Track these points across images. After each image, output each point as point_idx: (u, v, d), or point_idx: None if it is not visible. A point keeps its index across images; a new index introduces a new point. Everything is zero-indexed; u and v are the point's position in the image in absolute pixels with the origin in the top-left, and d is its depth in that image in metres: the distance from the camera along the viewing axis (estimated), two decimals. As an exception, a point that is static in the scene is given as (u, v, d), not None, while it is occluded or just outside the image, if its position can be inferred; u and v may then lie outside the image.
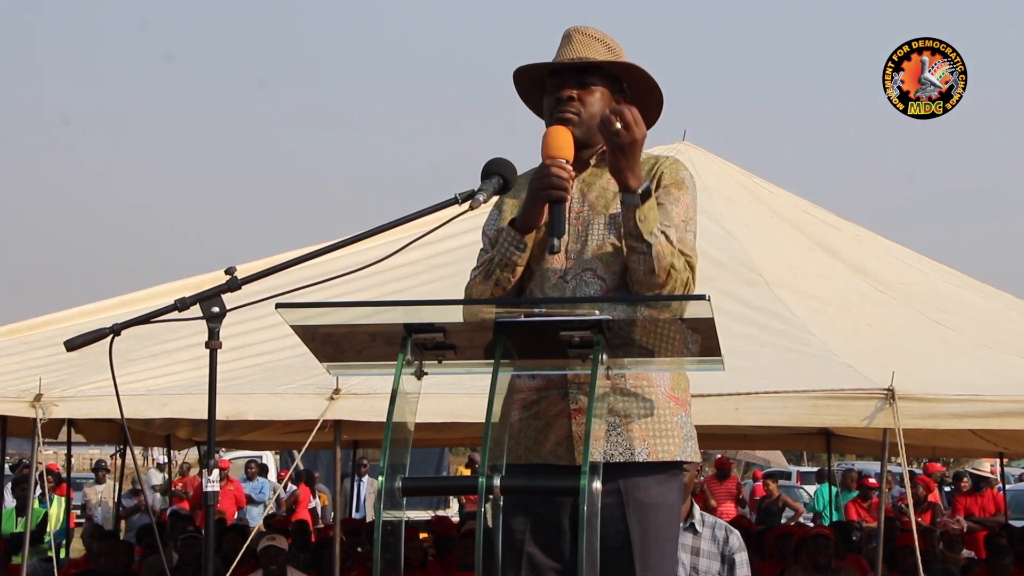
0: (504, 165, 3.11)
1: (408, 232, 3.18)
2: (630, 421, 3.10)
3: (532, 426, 3.12)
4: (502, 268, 3.16)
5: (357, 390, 6.61)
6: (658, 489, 3.12)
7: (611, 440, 3.09)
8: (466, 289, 3.25)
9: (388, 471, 2.69)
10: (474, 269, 3.24)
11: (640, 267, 3.06)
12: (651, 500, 3.10)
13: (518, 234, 3.15)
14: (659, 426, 3.12)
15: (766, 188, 10.27)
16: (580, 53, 3.25)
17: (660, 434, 3.12)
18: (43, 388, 6.92)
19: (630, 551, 3.07)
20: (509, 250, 3.16)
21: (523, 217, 3.16)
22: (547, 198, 3.08)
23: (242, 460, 18.20)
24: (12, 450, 16.10)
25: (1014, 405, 6.58)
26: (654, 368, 3.07)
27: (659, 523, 3.12)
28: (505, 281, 3.16)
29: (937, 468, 18.70)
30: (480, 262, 3.24)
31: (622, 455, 3.08)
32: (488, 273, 3.18)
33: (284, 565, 7.97)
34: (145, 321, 2.92)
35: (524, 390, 3.15)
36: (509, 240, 3.16)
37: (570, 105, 3.22)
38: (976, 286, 10.37)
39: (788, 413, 6.49)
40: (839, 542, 8.54)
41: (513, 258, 3.16)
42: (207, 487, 2.80)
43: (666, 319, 2.76)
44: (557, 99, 3.23)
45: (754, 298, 7.80)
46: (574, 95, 3.23)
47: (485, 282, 3.17)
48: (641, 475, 3.10)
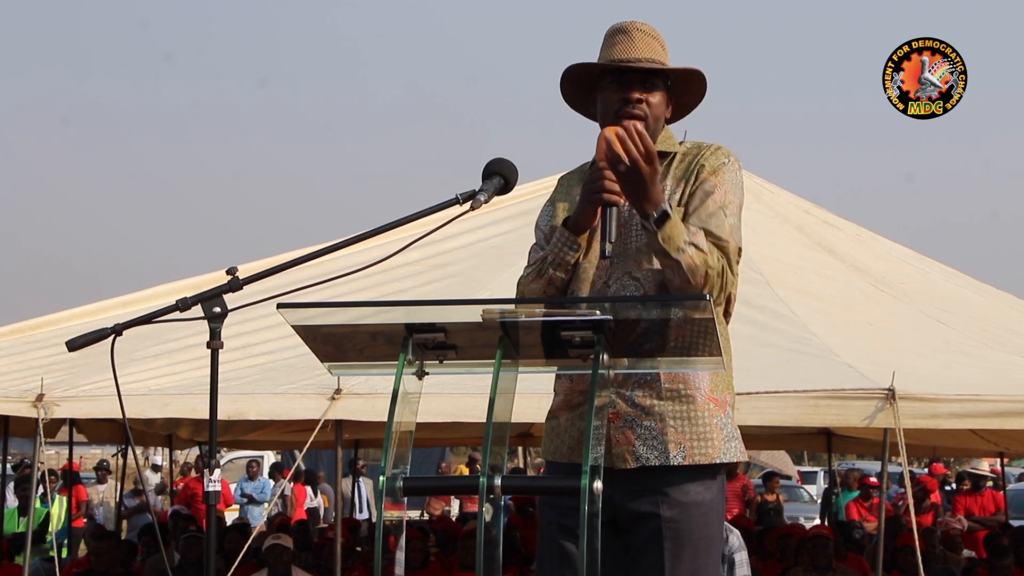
0: (505, 165, 3.11)
1: (409, 232, 3.18)
2: (665, 425, 3.09)
3: (576, 427, 3.14)
4: (555, 267, 3.16)
5: (358, 390, 6.61)
6: (695, 487, 3.11)
7: (647, 444, 3.08)
8: (518, 285, 3.26)
9: (389, 471, 2.69)
10: (528, 265, 3.24)
11: (675, 279, 3.07)
12: (689, 498, 3.09)
13: (571, 234, 3.15)
14: (697, 429, 3.10)
15: (767, 188, 10.27)
16: (645, 53, 3.21)
17: (698, 437, 3.10)
18: (45, 388, 6.93)
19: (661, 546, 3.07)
20: (562, 250, 3.16)
21: (576, 218, 3.16)
22: (598, 202, 3.08)
23: (243, 460, 18.22)
24: (14, 450, 16.11)
25: (1015, 405, 6.59)
26: (656, 368, 3.08)
27: (697, 522, 3.10)
28: (558, 280, 3.17)
29: (941, 470, 18.71)
30: (532, 260, 3.24)
31: (657, 459, 3.07)
32: (541, 271, 3.18)
33: (289, 564, 7.98)
34: (147, 321, 2.93)
35: (565, 391, 3.20)
36: (562, 240, 3.16)
37: (639, 107, 3.20)
38: (977, 285, 10.37)
39: (789, 413, 6.50)
40: (840, 542, 8.54)
41: (566, 258, 3.16)
42: (208, 487, 2.81)
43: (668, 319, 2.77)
44: (624, 99, 3.20)
45: (755, 298, 7.80)
46: (642, 97, 3.21)
47: (538, 280, 3.18)
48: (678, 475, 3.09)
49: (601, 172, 3.06)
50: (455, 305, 2.98)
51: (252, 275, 2.92)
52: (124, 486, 13.50)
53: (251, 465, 16.78)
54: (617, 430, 3.08)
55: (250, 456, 17.86)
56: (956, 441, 11.55)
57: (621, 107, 3.19)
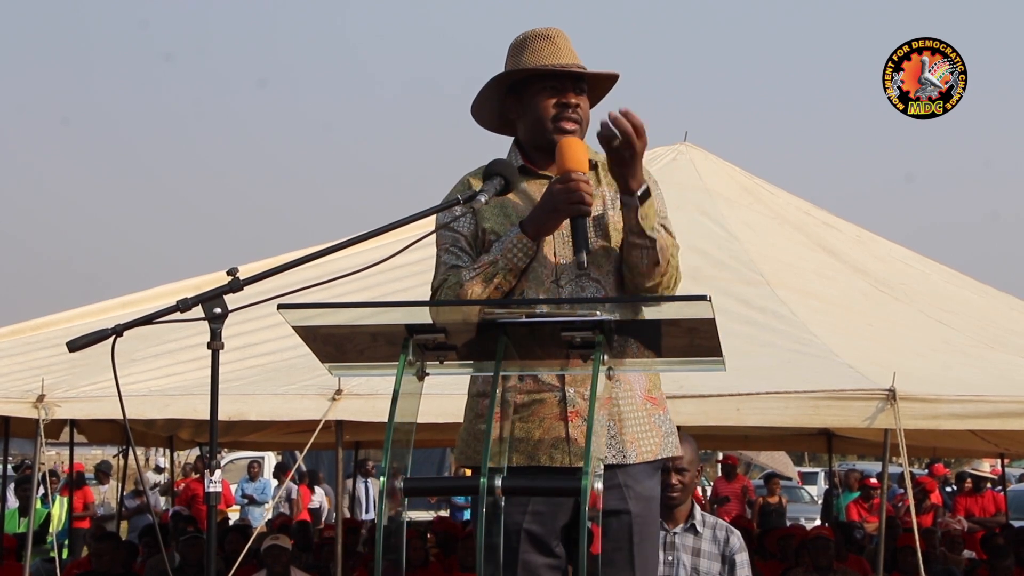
0: (506, 166, 3.12)
1: (410, 233, 3.19)
2: (623, 425, 3.15)
3: (522, 428, 3.12)
4: (506, 273, 3.13)
5: (359, 391, 6.61)
6: (651, 482, 3.22)
7: (607, 443, 3.13)
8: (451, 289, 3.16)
9: (389, 472, 2.70)
10: (466, 269, 3.16)
11: (643, 261, 3.12)
12: (647, 493, 3.19)
13: (531, 241, 3.13)
14: (642, 427, 3.19)
15: (767, 189, 10.28)
16: (573, 59, 3.26)
17: (643, 435, 3.19)
18: (46, 389, 6.93)
19: (631, 542, 3.12)
20: (517, 256, 3.13)
21: (540, 226, 3.13)
22: (576, 212, 3.09)
23: (244, 461, 18.23)
24: (15, 451, 16.10)
25: (1015, 406, 6.58)
26: (654, 368, 3.09)
27: (653, 516, 3.24)
28: (506, 284, 3.14)
29: (942, 471, 18.71)
30: (477, 264, 3.15)
31: (615, 457, 3.13)
32: (488, 276, 3.13)
33: (288, 565, 7.97)
34: (147, 322, 2.93)
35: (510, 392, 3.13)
36: (520, 247, 3.13)
37: (576, 112, 3.24)
38: (977, 286, 10.37)
39: (789, 414, 6.50)
40: (840, 543, 8.54)
41: (520, 264, 3.14)
42: (209, 487, 2.81)
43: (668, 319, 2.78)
44: (564, 104, 3.23)
45: (755, 298, 7.81)
46: (578, 101, 3.24)
47: (484, 284, 3.12)
48: (638, 470, 3.17)
49: (577, 182, 3.07)
50: (455, 306, 2.98)
51: (253, 276, 2.91)
52: (125, 487, 13.50)
53: (252, 466, 16.79)
54: (576, 428, 3.10)
55: (251, 457, 17.87)
56: (956, 442, 11.54)
57: (560, 112, 3.23)
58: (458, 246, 3.24)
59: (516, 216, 3.20)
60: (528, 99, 3.27)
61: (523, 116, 3.29)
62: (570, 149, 3.12)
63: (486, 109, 3.39)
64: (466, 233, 3.25)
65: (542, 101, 3.24)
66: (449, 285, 3.17)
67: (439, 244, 3.29)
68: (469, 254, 3.22)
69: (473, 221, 3.24)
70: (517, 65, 3.27)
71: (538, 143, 3.28)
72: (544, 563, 3.11)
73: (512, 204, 3.23)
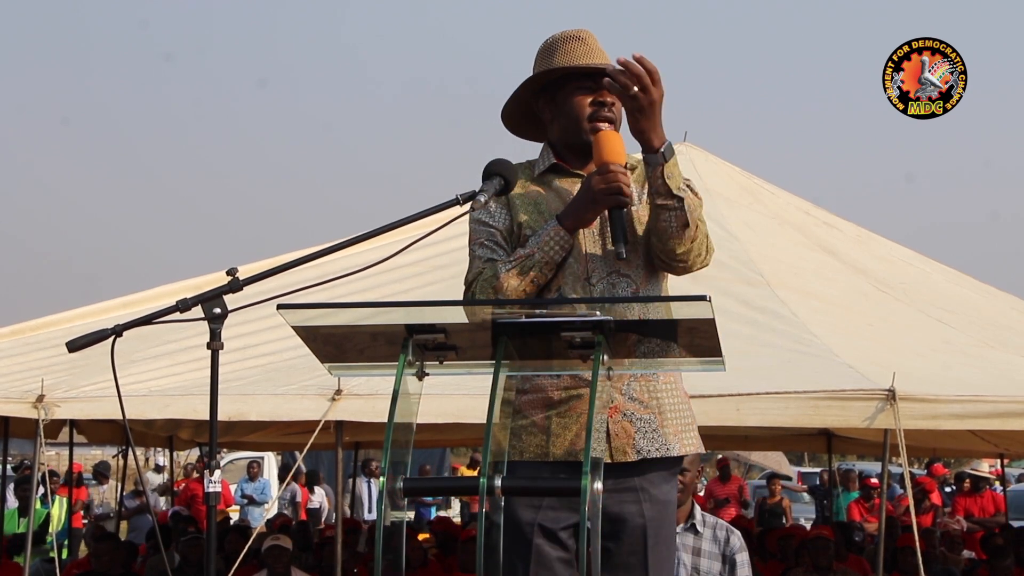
0: (505, 166, 3.12)
1: (409, 233, 3.18)
2: (664, 418, 3.15)
3: (560, 423, 3.12)
4: (542, 266, 3.13)
5: (359, 391, 6.61)
6: (667, 487, 3.19)
7: (647, 436, 3.12)
8: (486, 282, 3.16)
9: (389, 472, 2.69)
10: (501, 262, 3.16)
11: (672, 223, 3.12)
12: (663, 497, 3.17)
13: (568, 234, 3.14)
14: (686, 420, 3.21)
15: (767, 189, 10.28)
16: (605, 59, 3.26)
17: (687, 428, 3.20)
18: (45, 389, 6.93)
19: (645, 546, 3.12)
20: (555, 249, 3.13)
21: (578, 218, 3.14)
22: (616, 204, 3.09)
23: (244, 461, 18.22)
24: (14, 451, 16.10)
25: (1015, 406, 6.58)
26: (654, 369, 3.09)
27: (669, 520, 3.21)
28: (542, 279, 3.14)
29: (942, 471, 18.70)
30: (514, 257, 3.15)
31: (658, 450, 3.12)
32: (524, 269, 3.12)
33: (288, 565, 7.98)
34: (147, 322, 2.93)
35: (548, 388, 3.14)
36: (558, 240, 3.13)
37: (611, 110, 3.24)
38: (977, 286, 10.37)
39: (789, 414, 6.50)
40: (840, 543, 8.54)
41: (557, 258, 3.14)
42: (209, 488, 2.81)
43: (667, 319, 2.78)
44: (600, 103, 3.23)
45: (755, 298, 7.81)
46: (614, 101, 3.24)
47: (519, 278, 3.12)
48: (655, 471, 3.15)
49: (616, 174, 3.08)
50: (455, 306, 2.98)
51: (252, 276, 2.92)
52: (124, 487, 13.49)
53: (252, 466, 16.78)
54: (616, 424, 3.10)
55: (250, 457, 17.86)
56: (956, 442, 11.54)
57: (597, 111, 3.24)
58: (494, 240, 3.24)
59: (549, 213, 3.20)
60: (563, 99, 3.28)
61: (557, 116, 3.30)
62: (608, 142, 3.13)
63: (516, 115, 3.40)
64: (500, 227, 3.25)
65: (578, 100, 3.26)
66: (485, 278, 3.17)
67: (472, 239, 3.29)
68: (504, 248, 3.22)
69: (508, 215, 3.24)
70: (550, 66, 3.27)
71: (573, 142, 3.28)
72: (558, 556, 3.11)
73: (545, 200, 3.24)
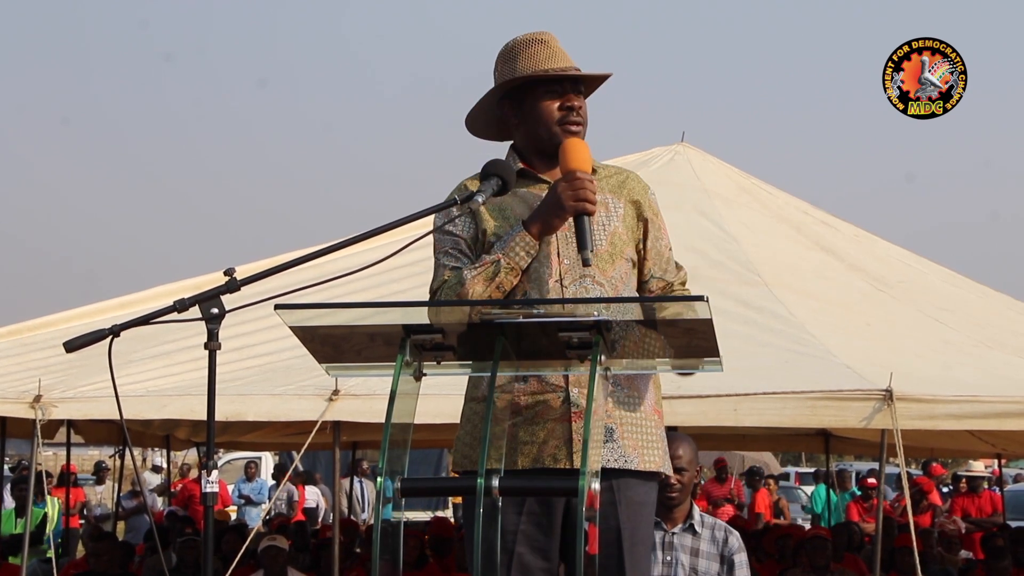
0: (503, 166, 3.12)
1: (407, 233, 3.18)
2: (625, 430, 3.15)
3: (527, 430, 3.11)
4: (508, 271, 3.13)
5: (356, 391, 6.61)
6: (644, 488, 3.21)
7: (607, 446, 3.13)
8: (451, 289, 3.15)
9: (386, 472, 2.69)
10: (466, 268, 3.15)
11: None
12: (640, 499, 3.18)
13: (534, 240, 3.14)
14: (648, 437, 3.20)
15: (765, 189, 10.27)
16: (568, 61, 3.28)
17: (648, 445, 3.19)
18: (42, 389, 6.92)
19: (620, 547, 3.12)
20: (520, 255, 3.13)
21: (544, 224, 3.14)
22: (582, 211, 3.10)
23: (241, 461, 18.20)
24: (11, 451, 16.09)
25: (1013, 406, 6.58)
26: (653, 370, 3.08)
27: (645, 522, 3.22)
28: (508, 284, 3.14)
29: (940, 471, 18.70)
30: (479, 263, 3.14)
31: (616, 462, 3.13)
32: (490, 275, 3.12)
33: (285, 565, 7.97)
34: (144, 322, 2.92)
35: (515, 393, 3.13)
36: (524, 246, 3.13)
37: (579, 114, 3.26)
38: (974, 286, 10.37)
39: (787, 414, 6.50)
40: (838, 543, 8.54)
41: (522, 263, 3.14)
42: (206, 488, 2.80)
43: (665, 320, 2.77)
44: (569, 107, 3.24)
45: (753, 298, 7.81)
46: (581, 104, 3.26)
47: (486, 283, 3.11)
48: (631, 477, 3.17)
49: (582, 180, 3.09)
50: (453, 306, 2.98)
51: (250, 276, 2.91)
52: (122, 487, 13.49)
53: (249, 466, 16.76)
54: (578, 432, 3.08)
55: (248, 457, 17.85)
56: (954, 442, 11.54)
57: (565, 115, 3.25)
58: (458, 248, 3.23)
59: (515, 219, 3.19)
60: (530, 104, 3.27)
61: (524, 121, 3.29)
62: (574, 149, 3.15)
63: (480, 119, 3.40)
64: (465, 236, 3.24)
65: (546, 105, 3.25)
66: (450, 285, 3.16)
67: (437, 248, 3.27)
68: (469, 256, 3.21)
69: (472, 224, 3.24)
70: (513, 71, 3.26)
71: (541, 147, 3.28)
72: (540, 566, 3.12)
73: (511, 207, 3.23)
